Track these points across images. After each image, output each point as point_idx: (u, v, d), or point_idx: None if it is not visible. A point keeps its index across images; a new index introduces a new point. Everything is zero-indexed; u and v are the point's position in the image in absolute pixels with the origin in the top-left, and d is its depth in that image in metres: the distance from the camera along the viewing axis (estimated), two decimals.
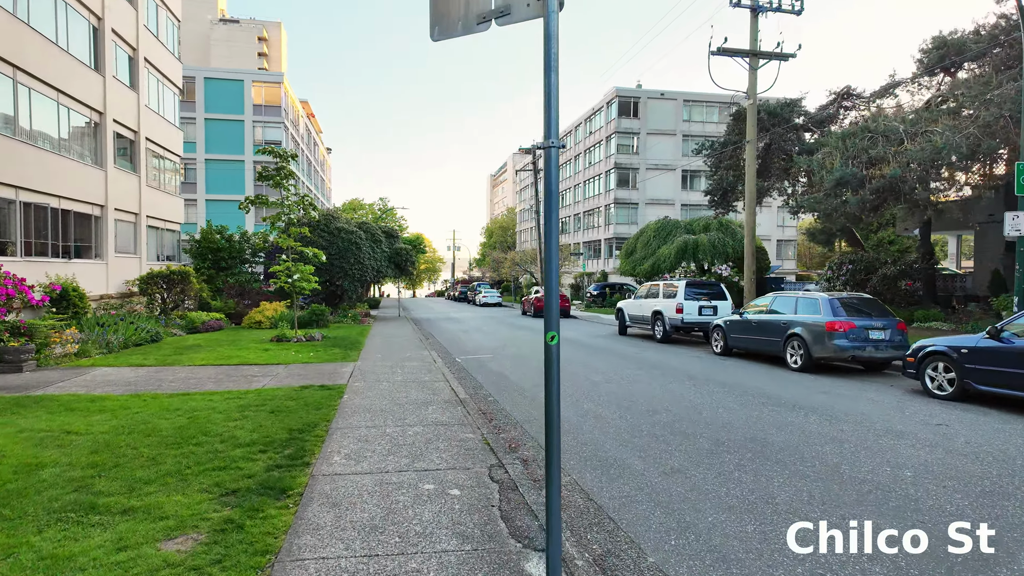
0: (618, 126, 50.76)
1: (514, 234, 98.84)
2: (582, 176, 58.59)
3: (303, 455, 5.64)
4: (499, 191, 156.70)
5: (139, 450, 5.72)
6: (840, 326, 11.22)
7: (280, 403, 8.03)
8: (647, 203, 51.41)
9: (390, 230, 30.22)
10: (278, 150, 17.01)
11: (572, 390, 9.75)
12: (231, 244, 25.77)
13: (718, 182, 27.01)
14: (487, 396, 9.45)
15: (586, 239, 56.95)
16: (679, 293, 17.01)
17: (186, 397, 8.56)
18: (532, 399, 9.11)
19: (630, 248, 36.06)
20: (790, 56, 21.15)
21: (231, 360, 12.53)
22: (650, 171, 51.24)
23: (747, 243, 21.23)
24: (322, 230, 26.07)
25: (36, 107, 15.32)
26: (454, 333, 21.95)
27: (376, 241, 28.32)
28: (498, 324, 26.48)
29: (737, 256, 33.15)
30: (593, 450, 6.34)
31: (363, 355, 13.87)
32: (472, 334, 21.49)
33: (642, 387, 10.04)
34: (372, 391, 9.14)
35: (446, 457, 5.69)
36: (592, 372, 11.74)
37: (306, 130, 59.67)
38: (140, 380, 10.14)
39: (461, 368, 12.59)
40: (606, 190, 52.55)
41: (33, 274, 14.52)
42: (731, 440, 6.65)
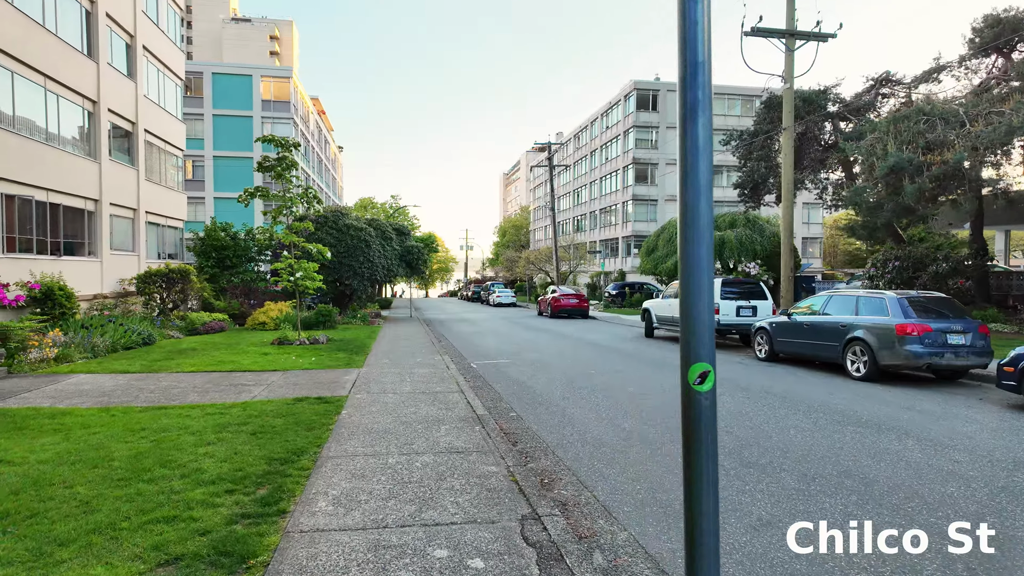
0: (636, 120, 49.26)
1: (527, 233, 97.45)
2: (598, 172, 57.11)
3: (279, 498, 4.40)
4: (512, 190, 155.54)
5: (75, 489, 4.52)
6: (914, 329, 9.78)
7: (266, 421, 6.82)
8: (667, 199, 49.83)
9: (401, 227, 29.08)
10: (279, 139, 15.87)
11: (608, 405, 8.45)
12: (236, 242, 24.76)
13: (748, 174, 25.50)
14: (508, 411, 8.17)
15: (603, 237, 55.50)
16: (715, 292, 15.61)
17: (160, 412, 7.38)
18: (561, 414, 7.82)
19: (651, 246, 34.65)
20: (829, 36, 19.61)
21: (223, 366, 11.38)
22: (670, 166, 49.65)
23: (783, 238, 19.73)
24: (330, 227, 24.98)
25: (20, 93, 14.31)
26: (468, 335, 20.71)
27: (387, 239, 27.18)
28: (514, 325, 25.20)
29: (766, 254, 31.59)
30: (650, 487, 5.03)
31: (369, 360, 12.66)
32: (487, 336, 20.23)
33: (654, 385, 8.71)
34: (375, 405, 7.90)
35: (463, 502, 4.41)
36: (626, 381, 10.41)
37: (316, 127, 58.84)
38: (117, 390, 9.00)
39: (477, 376, 11.33)
40: (623, 186, 51.07)
41: (16, 272, 13.51)
42: (821, 475, 5.31)
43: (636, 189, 49.54)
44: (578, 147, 63.58)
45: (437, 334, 20.86)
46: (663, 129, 49.76)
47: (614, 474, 5.37)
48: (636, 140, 49.53)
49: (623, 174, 51.22)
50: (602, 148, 56.58)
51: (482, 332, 21.88)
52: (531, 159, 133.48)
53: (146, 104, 20.98)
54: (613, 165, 53.41)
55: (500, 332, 21.88)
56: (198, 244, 24.38)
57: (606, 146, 55.28)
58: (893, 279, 20.38)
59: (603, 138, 55.96)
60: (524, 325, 25.30)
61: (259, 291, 25.44)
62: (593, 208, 58.95)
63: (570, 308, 29.32)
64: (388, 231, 27.41)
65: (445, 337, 19.82)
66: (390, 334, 19.67)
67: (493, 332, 21.90)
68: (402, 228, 29.19)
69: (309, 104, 53.30)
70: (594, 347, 16.13)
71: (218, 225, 24.63)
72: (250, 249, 25.25)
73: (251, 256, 25.54)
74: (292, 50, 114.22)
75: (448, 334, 21.06)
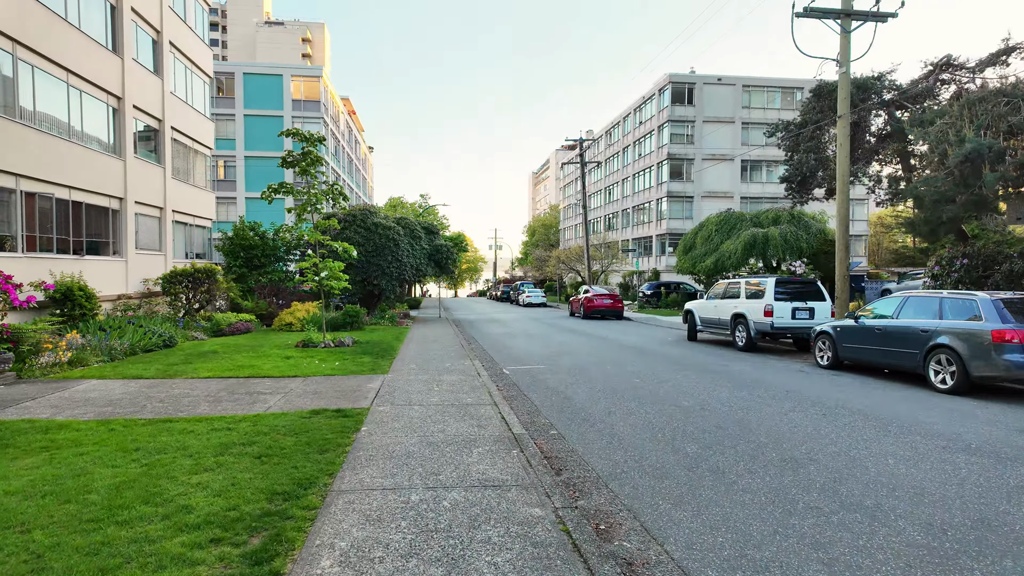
0: (671, 114, 47.69)
1: (557, 232, 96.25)
2: (631, 169, 55.63)
3: (275, 552, 3.53)
4: (541, 189, 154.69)
5: (31, 535, 3.73)
6: (1014, 336, 8.48)
7: (275, 440, 6.01)
8: (703, 196, 48.15)
9: (430, 226, 28.37)
10: (303, 132, 15.21)
11: (662, 422, 7.42)
12: (264, 241, 24.37)
13: (796, 167, 23.99)
14: (548, 428, 7.22)
15: (636, 235, 54.03)
16: (768, 292, 14.38)
17: (163, 427, 6.65)
18: (610, 433, 6.83)
19: (688, 244, 33.28)
20: (889, 15, 18.11)
21: (242, 371, 10.70)
22: (706, 161, 47.97)
23: (839, 234, 18.29)
24: (358, 226, 24.40)
25: (41, 88, 13.94)
26: (499, 337, 19.82)
27: (415, 237, 26.50)
28: (546, 327, 24.22)
29: (812, 251, 29.91)
30: (736, 539, 4.00)
31: (395, 365, 11.86)
32: (518, 338, 19.31)
33: (755, 417, 7.61)
34: (399, 421, 7.04)
35: (503, 565, 3.47)
36: (677, 392, 9.35)
37: (347, 127, 58.79)
38: (125, 399, 8.35)
39: (511, 384, 10.40)
40: (658, 183, 49.54)
41: (36, 271, 13.12)
42: (950, 525, 4.20)
43: (671, 186, 47.98)
44: (610, 144, 62.19)
45: (467, 336, 20.03)
46: (699, 123, 48.08)
47: (686, 519, 4.37)
48: (671, 135, 47.96)
49: (657, 170, 49.70)
50: (635, 144, 55.11)
51: (513, 334, 20.97)
52: (560, 157, 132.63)
53: (173, 101, 20.66)
54: (646, 161, 51.91)
55: (532, 334, 20.94)
56: (226, 244, 24.06)
57: (639, 142, 53.80)
58: (961, 278, 18.73)
59: (636, 134, 54.48)
60: (556, 326, 24.30)
61: (287, 291, 25.03)
62: (625, 206, 57.50)
63: (604, 308, 28.19)
64: (417, 230, 26.74)
65: (475, 339, 18.97)
66: (418, 336, 18.91)
67: (525, 334, 20.96)
68: (431, 227, 28.48)
69: (339, 104, 53.23)
70: (635, 351, 15.05)
71: (246, 224, 24.28)
72: (278, 248, 24.84)
73: (280, 255, 25.14)
74: (324, 52, 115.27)
75: (478, 336, 20.20)
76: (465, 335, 20.31)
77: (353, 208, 25.16)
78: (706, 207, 47.88)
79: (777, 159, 48.80)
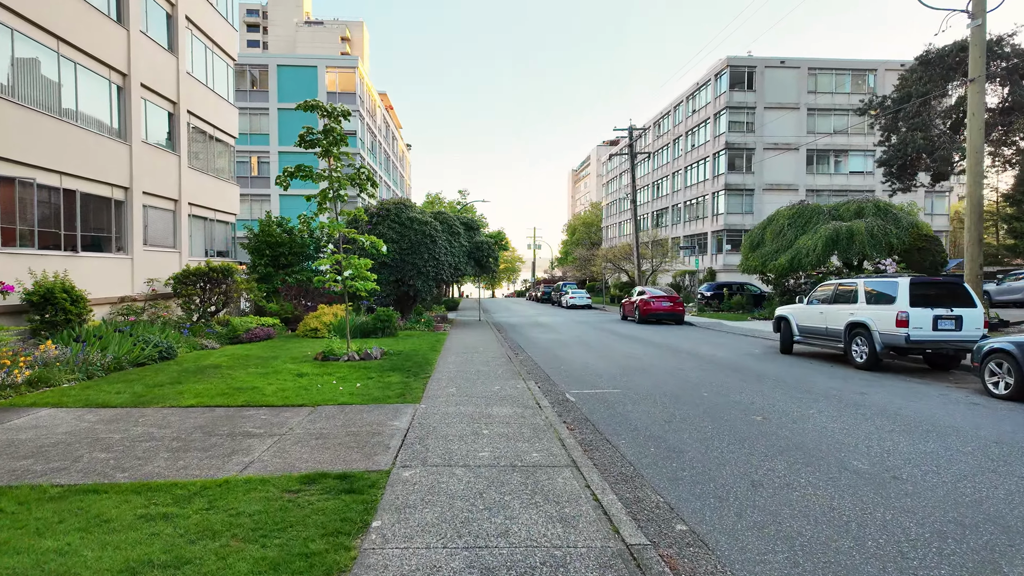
0: (729, 100, 44.09)
1: (598, 231, 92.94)
2: (683, 161, 52.12)
3: None
4: (581, 187, 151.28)
5: None
6: None
7: (228, 551, 3.54)
8: (765, 189, 44.39)
9: (470, 221, 25.98)
10: (324, 105, 12.92)
11: (849, 506, 4.65)
12: (293, 237, 22.38)
13: (897, 149, 20.59)
14: (670, 519, 4.55)
15: (688, 232, 50.54)
16: (900, 296, 11.31)
17: (77, 504, 4.35)
18: (782, 536, 4.12)
19: (755, 240, 29.98)
20: None
21: (238, 396, 8.40)
22: (768, 151, 44.20)
23: (970, 223, 14.93)
24: (392, 220, 22.18)
25: (22, 55, 12.03)
26: (548, 345, 17.22)
27: (454, 234, 24.14)
28: (601, 332, 21.48)
29: (904, 248, 26.28)
30: None
31: (430, 388, 9.38)
32: (573, 348, 16.67)
33: (989, 494, 4.77)
34: (433, 505, 4.49)
35: None
36: (832, 444, 6.53)
37: (384, 122, 57.13)
38: (64, 442, 6.11)
39: (582, 419, 7.78)
40: (714, 175, 45.99)
41: (11, 270, 11.18)
42: None
43: (729, 178, 44.38)
44: (658, 135, 58.75)
45: (512, 344, 17.51)
46: (760, 110, 44.34)
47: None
48: (729, 123, 44.37)
49: (713, 162, 46.15)
50: (687, 134, 51.61)
51: (565, 342, 18.32)
52: (601, 153, 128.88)
53: (190, 83, 18.78)
54: (701, 152, 48.40)
55: (587, 342, 18.25)
56: (252, 241, 22.18)
57: (693, 132, 50.28)
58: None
59: (689, 123, 50.97)
60: (611, 332, 21.53)
61: (315, 292, 23.03)
62: (676, 201, 54.01)
63: (662, 312, 25.25)
64: (456, 225, 24.37)
65: (523, 349, 16.43)
66: (457, 344, 16.47)
67: (578, 342, 18.29)
68: (471, 222, 26.08)
69: (376, 98, 51.51)
70: (726, 369, 12.20)
71: (272, 220, 22.34)
72: (308, 245, 22.83)
73: (309, 253, 23.12)
74: (363, 50, 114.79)
75: (526, 344, 17.65)
76: (511, 343, 17.79)
77: (386, 202, 22.97)
78: (768, 201, 44.15)
79: (848, 148, 44.73)
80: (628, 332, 21.64)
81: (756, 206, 44.35)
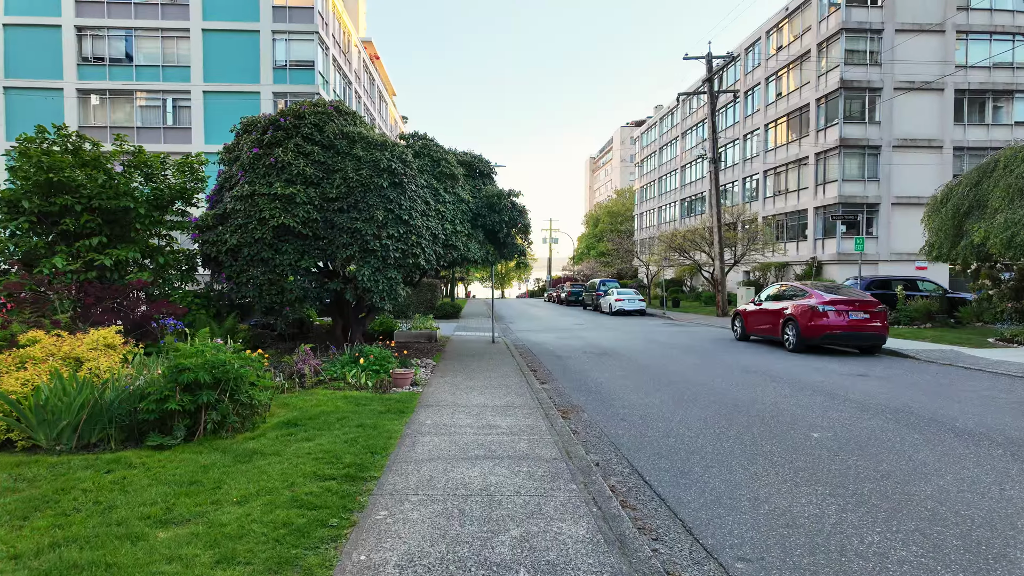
0: (845, 19, 32.59)
1: (625, 220, 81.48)
2: (770, 113, 40.55)
3: None
4: (601, 175, 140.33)
5: None
6: None
7: None
8: (895, 145, 32.85)
9: (474, 160, 14.74)
10: None
11: None
12: (109, 177, 11.21)
13: None
14: None
15: (776, 211, 39.08)
16: None
17: None
18: None
19: (960, 204, 18.75)
20: None
21: None
22: (900, 92, 32.65)
23: None
24: (307, 138, 11.12)
25: None
26: (706, 438, 6.01)
27: (444, 178, 13.02)
28: (733, 371, 10.23)
29: None
30: None
31: None
32: (762, 443, 5.41)
33: None
34: None
35: None
36: None
37: (365, 70, 46.05)
38: None
39: None
40: (820, 127, 34.50)
41: None
42: None
43: (845, 129, 32.83)
44: (733, 81, 46.99)
45: (597, 433, 6.31)
46: (889, 33, 32.77)
47: None
48: (846, 52, 32.83)
49: (819, 110, 34.62)
50: (775, 77, 40.07)
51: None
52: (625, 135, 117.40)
53: None
54: (798, 99, 36.88)
55: (764, 411, 6.93)
56: (17, 183, 11.02)
57: (784, 72, 38.71)
58: None
59: (780, 59, 39.39)
60: (753, 370, 10.26)
61: (154, 296, 12.05)
62: (753, 170, 42.50)
63: (849, 332, 13.90)
64: (448, 164, 13.22)
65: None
66: (431, 453, 5.22)
67: (740, 407, 7.01)
68: (477, 162, 14.88)
69: (351, 31, 40.40)
70: None
71: (48, 136, 11.22)
72: (137, 196, 11.64)
73: (151, 216, 11.87)
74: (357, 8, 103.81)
75: (640, 429, 6.36)
76: (592, 427, 6.59)
77: (298, 102, 11.73)
78: (899, 162, 32.62)
79: (1015, 87, 33.05)
80: (791, 371, 10.35)
81: (882, 171, 32.80)
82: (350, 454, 5.40)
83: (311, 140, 11.14)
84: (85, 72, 31.26)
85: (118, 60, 31.50)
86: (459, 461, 5.33)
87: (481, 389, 9.09)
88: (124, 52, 31.58)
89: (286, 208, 10.50)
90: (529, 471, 5.07)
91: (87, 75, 31.27)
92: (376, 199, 10.81)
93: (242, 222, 10.59)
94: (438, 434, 6.27)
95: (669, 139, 60.53)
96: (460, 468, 5.13)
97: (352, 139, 11.35)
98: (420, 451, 5.62)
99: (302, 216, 10.53)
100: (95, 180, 10.94)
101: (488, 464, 5.25)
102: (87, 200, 10.94)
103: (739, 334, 17.63)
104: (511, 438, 6.14)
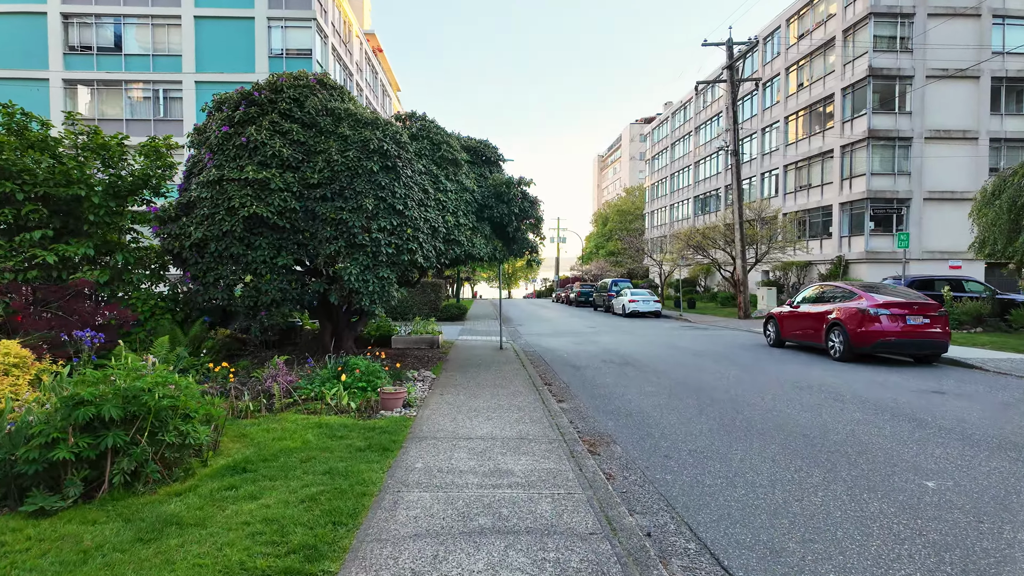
0: (874, 4, 30.84)
1: (636, 219, 79.74)
2: (791, 104, 38.83)
3: None
4: (609, 173, 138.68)
5: None
6: None
7: None
8: (927, 137, 31.05)
9: (479, 146, 13.18)
10: None
11: None
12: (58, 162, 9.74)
13: None
14: None
15: (799, 207, 37.34)
16: None
17: None
18: None
19: (1016, 197, 17.04)
20: None
21: None
22: (933, 80, 30.86)
23: None
24: (285, 114, 9.61)
25: None
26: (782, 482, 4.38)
27: (447, 164, 11.47)
28: (783, 386, 8.61)
29: None
30: None
31: None
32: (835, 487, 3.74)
33: None
34: None
35: None
36: None
37: (367, 63, 44.60)
38: None
39: None
40: (846, 118, 32.75)
41: None
42: None
43: (875, 120, 31.07)
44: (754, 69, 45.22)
45: (646, 478, 4.68)
46: (921, 17, 30.99)
47: None
48: (875, 38, 31.06)
49: (845, 101, 32.87)
50: (798, 66, 38.33)
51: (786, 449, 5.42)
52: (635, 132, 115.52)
53: None
54: (824, 88, 35.13)
55: (837, 441, 5.31)
56: None
57: (808, 60, 36.95)
58: None
59: (803, 47, 37.65)
60: (802, 384, 8.63)
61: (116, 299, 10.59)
62: (774, 164, 40.76)
63: (907, 339, 12.25)
64: (451, 148, 11.66)
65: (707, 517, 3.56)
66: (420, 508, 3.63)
67: (805, 434, 5.37)
68: (482, 148, 13.31)
69: (352, 19, 38.94)
70: None
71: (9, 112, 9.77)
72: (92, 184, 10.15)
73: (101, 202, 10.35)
74: None
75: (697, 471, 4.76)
76: (638, 468, 4.98)
77: (277, 76, 10.20)
78: (932, 154, 30.82)
79: None
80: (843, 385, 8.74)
81: (913, 165, 31.01)
82: (303, 526, 3.85)
83: (290, 117, 9.62)
84: (72, 62, 29.90)
85: (106, 49, 30.14)
86: (456, 539, 3.76)
87: (488, 412, 7.53)
88: (113, 41, 30.21)
89: (259, 195, 8.97)
90: (558, 559, 3.50)
91: (74, 65, 29.91)
92: (365, 185, 9.27)
93: (209, 212, 9.07)
94: (430, 487, 4.70)
95: (682, 134, 58.80)
96: (457, 554, 3.56)
97: (338, 116, 9.82)
98: (402, 519, 4.06)
99: (278, 205, 8.99)
100: (41, 164, 9.45)
101: (498, 545, 3.68)
102: (32, 188, 9.46)
103: (773, 340, 15.99)
104: (528, 494, 4.57)
